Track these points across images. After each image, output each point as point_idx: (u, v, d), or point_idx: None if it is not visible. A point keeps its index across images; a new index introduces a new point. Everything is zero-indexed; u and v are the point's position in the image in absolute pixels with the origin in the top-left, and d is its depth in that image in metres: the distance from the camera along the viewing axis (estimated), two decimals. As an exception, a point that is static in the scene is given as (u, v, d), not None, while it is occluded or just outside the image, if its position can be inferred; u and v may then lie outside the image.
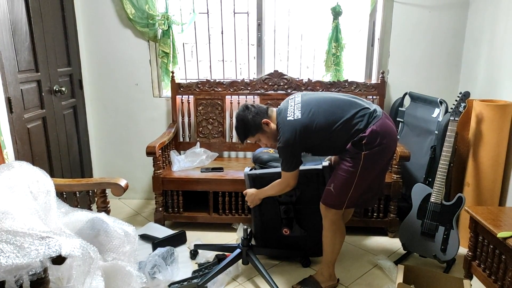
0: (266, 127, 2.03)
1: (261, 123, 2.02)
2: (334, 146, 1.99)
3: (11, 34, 2.18)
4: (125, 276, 1.63)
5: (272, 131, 2.03)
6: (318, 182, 2.23)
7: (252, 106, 2.07)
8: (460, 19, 2.96)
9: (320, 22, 3.11)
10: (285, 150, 1.95)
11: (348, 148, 1.92)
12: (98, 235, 1.61)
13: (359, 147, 1.89)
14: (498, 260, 1.89)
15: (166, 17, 2.99)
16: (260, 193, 2.22)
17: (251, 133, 2.05)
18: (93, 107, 3.26)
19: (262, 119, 2.02)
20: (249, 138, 2.09)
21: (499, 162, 2.37)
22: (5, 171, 1.56)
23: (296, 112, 1.95)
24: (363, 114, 1.92)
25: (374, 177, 2.02)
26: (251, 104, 2.09)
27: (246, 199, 2.29)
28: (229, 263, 2.22)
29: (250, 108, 2.04)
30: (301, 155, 2.00)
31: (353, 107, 1.94)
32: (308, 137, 1.94)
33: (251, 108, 2.05)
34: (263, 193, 2.21)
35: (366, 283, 2.25)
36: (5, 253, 1.17)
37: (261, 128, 2.03)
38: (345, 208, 2.04)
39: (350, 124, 1.91)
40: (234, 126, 2.11)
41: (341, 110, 1.94)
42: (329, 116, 1.93)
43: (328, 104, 1.98)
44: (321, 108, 1.95)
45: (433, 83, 3.07)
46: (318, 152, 2.16)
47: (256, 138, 2.09)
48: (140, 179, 3.38)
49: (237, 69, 3.32)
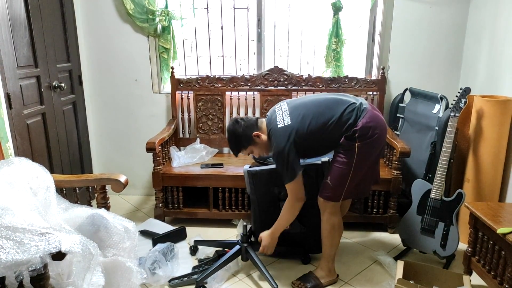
0: (257, 139, 2.05)
1: (252, 136, 2.04)
2: (328, 144, 2.03)
3: (10, 29, 2.17)
4: (125, 272, 1.63)
5: (263, 142, 2.06)
6: (317, 177, 2.23)
7: (242, 119, 2.09)
8: (461, 15, 2.95)
9: (321, 17, 3.10)
10: (280, 156, 1.96)
11: (341, 142, 1.96)
12: (98, 231, 1.61)
13: (352, 139, 1.94)
14: (498, 255, 1.89)
15: (166, 13, 2.98)
16: (275, 229, 2.16)
17: (243, 146, 2.08)
18: (93, 103, 3.26)
19: (253, 131, 2.05)
20: (242, 151, 2.12)
21: (499, 158, 2.37)
22: (5, 167, 1.56)
23: (286, 119, 1.98)
24: (351, 110, 1.96)
25: (368, 167, 2.06)
26: (240, 118, 2.11)
27: (264, 246, 2.18)
28: (228, 260, 2.22)
29: (239, 122, 2.07)
30: (298, 160, 2.00)
31: (341, 105, 1.98)
32: (301, 141, 1.95)
33: (241, 122, 2.07)
34: (277, 228, 2.15)
35: (366, 279, 2.26)
36: (5, 249, 1.17)
37: (252, 140, 2.06)
38: (342, 200, 2.07)
39: (341, 121, 1.95)
40: (227, 139, 2.14)
41: (329, 109, 1.97)
42: (319, 118, 1.96)
43: (316, 106, 2.01)
44: (310, 110, 1.98)
45: (434, 79, 3.06)
46: (314, 154, 2.17)
47: (249, 151, 2.11)
48: (140, 175, 3.38)
49: (237, 64, 3.31)
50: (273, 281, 2.09)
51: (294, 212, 2.11)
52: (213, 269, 2.15)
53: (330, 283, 2.19)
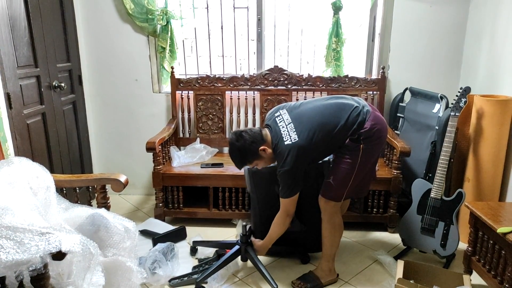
0: (263, 153, 1.99)
1: (259, 151, 1.98)
2: (332, 148, 2.02)
3: (10, 29, 2.17)
4: (126, 272, 1.63)
5: (269, 155, 2.01)
6: (317, 177, 2.23)
7: (246, 133, 1.99)
8: (461, 14, 2.95)
9: (321, 17, 3.09)
10: (286, 175, 1.94)
11: (347, 144, 1.96)
12: (98, 231, 1.61)
13: (358, 141, 1.94)
14: (498, 255, 1.89)
15: (165, 12, 2.98)
16: (266, 241, 2.20)
17: (248, 161, 2.04)
18: (93, 102, 3.26)
19: (259, 146, 1.97)
20: (246, 165, 2.08)
21: (500, 157, 2.37)
22: (5, 167, 1.56)
23: (292, 134, 1.92)
24: (357, 114, 1.94)
25: (369, 167, 2.07)
26: (243, 131, 2.01)
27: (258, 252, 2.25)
28: (228, 260, 2.22)
29: (244, 136, 1.97)
30: (302, 178, 1.98)
31: (345, 110, 1.95)
32: (308, 155, 1.94)
33: (245, 136, 1.97)
34: (269, 240, 2.19)
35: (366, 278, 2.26)
36: (5, 248, 1.17)
37: (258, 155, 2.00)
38: (343, 200, 2.08)
39: (347, 126, 1.93)
40: (229, 153, 2.05)
41: (334, 117, 1.94)
42: (324, 127, 1.92)
43: (321, 115, 1.96)
44: (315, 122, 1.93)
45: (434, 78, 3.06)
46: (318, 160, 2.15)
47: (254, 164, 2.07)
48: (140, 175, 3.38)
49: (237, 64, 3.30)
50: (273, 281, 2.09)
51: (284, 227, 2.11)
52: (213, 269, 2.15)
53: (330, 283, 2.19)
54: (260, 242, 2.24)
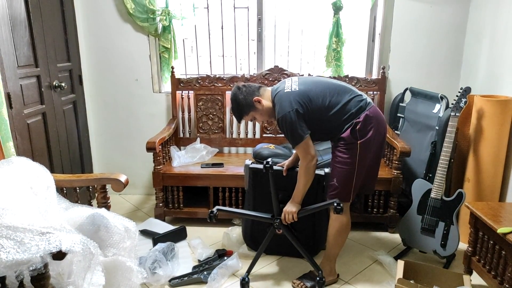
0: (258, 104, 2.06)
1: (253, 101, 2.05)
2: (327, 132, 2.05)
3: (10, 29, 2.17)
4: (126, 272, 1.64)
5: (265, 108, 2.07)
6: (318, 188, 2.23)
7: (244, 86, 2.10)
8: (461, 14, 2.95)
9: (321, 17, 3.09)
10: (285, 119, 1.95)
11: (344, 137, 1.97)
12: (98, 231, 1.61)
13: (355, 134, 1.96)
14: (498, 255, 1.89)
15: (166, 12, 2.98)
16: (295, 195, 2.07)
17: (245, 112, 2.09)
18: (93, 102, 3.26)
19: (254, 97, 2.06)
20: (244, 117, 2.13)
21: (500, 157, 2.37)
22: (5, 167, 1.56)
23: (294, 86, 2.02)
24: (359, 100, 2.00)
25: (369, 162, 2.07)
26: (242, 84, 2.11)
27: (286, 211, 2.07)
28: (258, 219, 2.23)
29: (241, 88, 2.08)
30: (304, 121, 1.97)
31: (348, 93, 2.02)
32: (304, 112, 1.95)
33: (242, 88, 2.08)
34: (297, 194, 2.06)
35: (366, 279, 2.26)
36: (6, 248, 1.17)
37: (253, 106, 2.06)
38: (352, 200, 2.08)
39: (345, 108, 1.97)
40: (230, 106, 2.17)
41: (337, 94, 2.00)
42: (325, 98, 1.98)
43: (324, 86, 2.03)
44: (318, 87, 2.02)
45: (434, 79, 3.06)
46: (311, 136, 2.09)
47: (251, 116, 2.12)
48: (140, 175, 3.38)
49: (237, 64, 3.30)
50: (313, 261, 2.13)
51: (310, 172, 2.02)
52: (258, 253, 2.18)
53: (331, 283, 2.19)
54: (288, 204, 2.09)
